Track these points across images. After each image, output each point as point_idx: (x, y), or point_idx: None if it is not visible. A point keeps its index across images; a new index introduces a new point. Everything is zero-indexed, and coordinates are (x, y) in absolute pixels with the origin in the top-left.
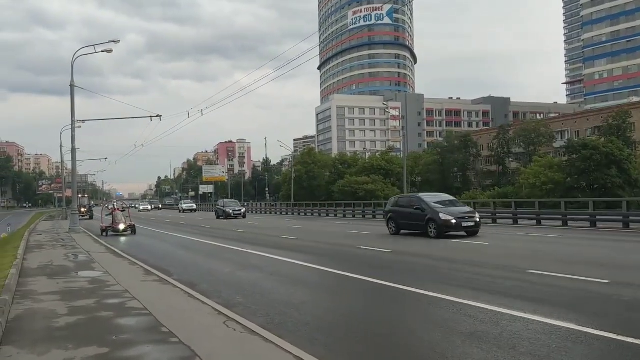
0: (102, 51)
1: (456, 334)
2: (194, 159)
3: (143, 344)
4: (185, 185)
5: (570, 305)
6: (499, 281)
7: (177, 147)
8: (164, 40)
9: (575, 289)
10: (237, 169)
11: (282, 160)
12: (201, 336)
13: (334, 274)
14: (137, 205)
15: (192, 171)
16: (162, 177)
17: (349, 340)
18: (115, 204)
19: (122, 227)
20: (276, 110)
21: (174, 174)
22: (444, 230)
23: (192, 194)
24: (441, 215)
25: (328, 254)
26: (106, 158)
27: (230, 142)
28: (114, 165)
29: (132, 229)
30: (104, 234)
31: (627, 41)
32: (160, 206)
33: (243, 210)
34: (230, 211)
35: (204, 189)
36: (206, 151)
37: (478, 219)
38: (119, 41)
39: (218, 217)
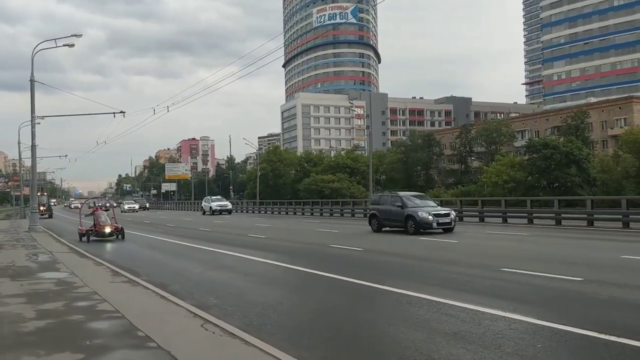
0: (64, 45)
1: (440, 334)
2: (156, 156)
3: (120, 349)
4: (147, 184)
5: (549, 304)
6: (475, 280)
7: (139, 144)
8: (126, 36)
9: (552, 288)
10: (200, 166)
11: (247, 158)
12: (180, 340)
13: (309, 273)
14: (120, 204)
15: (155, 169)
16: (123, 175)
17: (331, 342)
18: (96, 201)
19: (108, 230)
20: (241, 107)
21: (135, 172)
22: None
23: (154, 192)
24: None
25: (300, 253)
26: (66, 155)
27: (194, 139)
28: (74, 163)
29: (119, 233)
30: (84, 239)
31: (585, 43)
32: (148, 205)
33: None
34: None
35: (166, 187)
36: (169, 149)
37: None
38: (81, 35)
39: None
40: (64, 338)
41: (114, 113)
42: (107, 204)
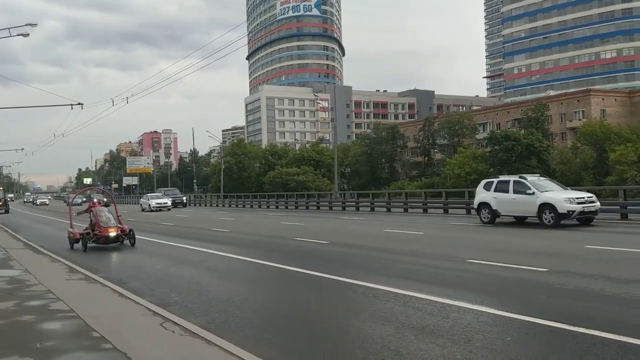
0: (18, 35)
1: (407, 328)
2: (117, 149)
3: (72, 351)
4: (108, 177)
5: (516, 296)
6: (441, 272)
7: (99, 137)
8: (85, 27)
9: (518, 279)
10: (162, 160)
11: (211, 151)
12: (137, 340)
13: (274, 267)
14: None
15: (116, 162)
16: (83, 169)
17: (297, 339)
18: (92, 195)
19: (112, 233)
20: (204, 100)
21: (96, 166)
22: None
23: (115, 186)
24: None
25: (265, 247)
26: (22, 148)
27: (156, 132)
28: (32, 157)
29: (128, 237)
30: (78, 246)
31: (544, 37)
32: (185, 200)
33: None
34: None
35: (128, 180)
36: (130, 142)
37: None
38: (36, 25)
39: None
40: (13, 340)
41: (71, 105)
42: (105, 199)
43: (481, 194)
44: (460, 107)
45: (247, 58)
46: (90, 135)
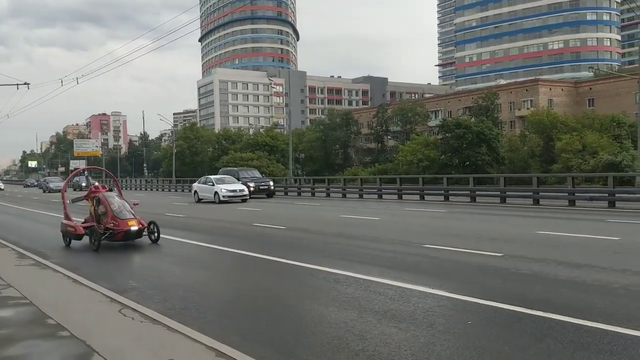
0: None
1: (370, 312)
2: (63, 132)
3: (27, 340)
4: (54, 160)
5: (474, 280)
6: (400, 256)
7: (44, 119)
8: (30, 4)
9: (475, 263)
10: (111, 143)
11: (162, 135)
12: (95, 327)
13: (233, 253)
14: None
15: (62, 145)
16: (28, 152)
17: (259, 325)
18: (80, 178)
19: (134, 227)
20: (155, 83)
21: (41, 148)
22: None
23: (61, 169)
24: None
25: (222, 232)
26: None
27: (104, 114)
28: None
29: (152, 231)
30: (77, 243)
31: (495, 27)
32: (272, 185)
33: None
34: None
35: (75, 164)
36: (77, 124)
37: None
38: None
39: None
40: None
41: (17, 84)
42: (108, 186)
43: None
44: (413, 95)
45: (200, 40)
46: (35, 117)
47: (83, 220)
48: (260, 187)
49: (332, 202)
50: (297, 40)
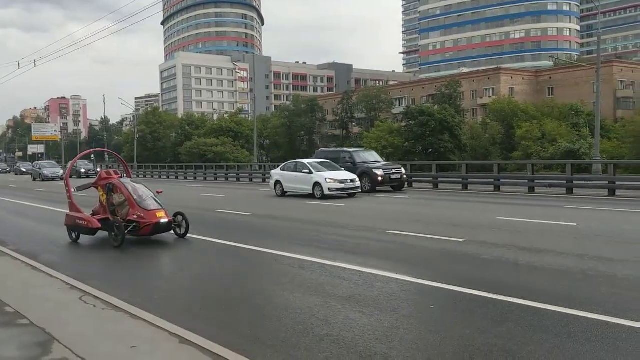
0: None
1: (335, 298)
2: (21, 116)
3: None
4: (11, 145)
5: (437, 265)
6: (364, 242)
7: (0, 102)
8: None
9: (438, 249)
10: (71, 128)
11: (123, 120)
12: (56, 316)
13: (197, 239)
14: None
15: (20, 129)
16: None
17: (224, 311)
18: (95, 164)
19: (164, 219)
20: (116, 66)
21: None
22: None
23: (19, 154)
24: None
25: None
26: None
27: (64, 98)
28: None
29: (179, 224)
30: (87, 239)
31: (458, 15)
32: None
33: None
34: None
35: (33, 149)
36: (35, 108)
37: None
38: None
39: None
40: None
41: None
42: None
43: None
44: (378, 82)
45: (162, 23)
46: None
47: (92, 212)
48: (392, 177)
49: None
50: (262, 25)
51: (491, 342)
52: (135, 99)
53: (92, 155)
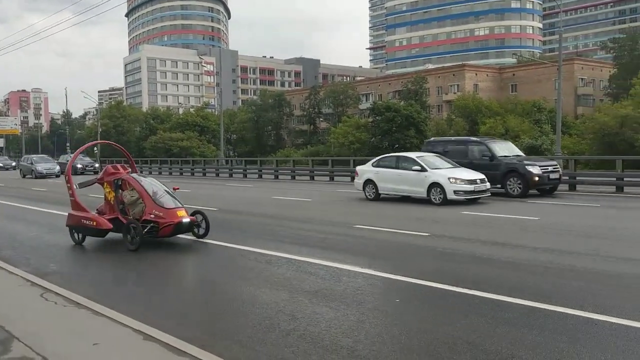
0: None
1: (301, 292)
2: None
3: None
4: None
5: (402, 259)
6: (331, 237)
7: None
8: None
9: (403, 243)
10: (32, 121)
11: (86, 114)
12: (16, 313)
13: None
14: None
15: None
16: None
17: (190, 307)
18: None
19: (186, 219)
20: (78, 59)
21: None
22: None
23: None
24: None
25: None
26: None
27: (24, 91)
28: None
29: (197, 224)
30: (93, 241)
31: (424, 12)
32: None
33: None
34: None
35: None
36: None
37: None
38: None
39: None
40: None
41: None
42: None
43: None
44: (345, 77)
45: (127, 15)
46: None
47: (96, 211)
48: (551, 176)
49: (264, 184)
50: (229, 18)
51: (455, 335)
52: (99, 92)
53: (96, 148)
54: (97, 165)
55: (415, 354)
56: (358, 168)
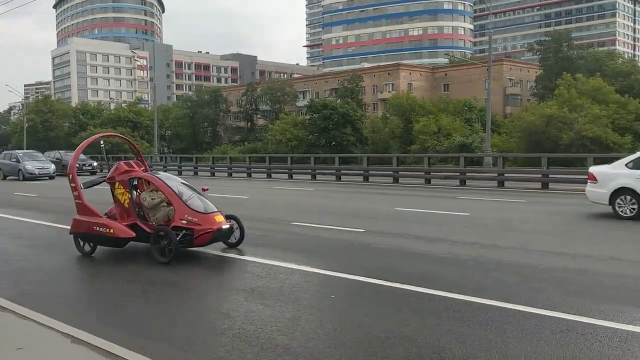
0: None
1: (237, 291)
2: None
3: None
4: None
5: (338, 255)
6: (269, 234)
7: None
8: None
9: (339, 239)
10: None
11: (11, 108)
12: None
13: None
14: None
15: None
16: None
17: (118, 309)
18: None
19: (225, 225)
20: (2, 51)
21: None
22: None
23: None
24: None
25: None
26: None
27: None
28: None
29: (234, 232)
30: (107, 250)
31: (360, 11)
32: None
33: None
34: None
35: None
36: None
37: None
38: None
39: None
40: None
41: None
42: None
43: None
44: (282, 74)
45: (55, 7)
46: None
47: (105, 216)
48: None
49: (200, 181)
50: (163, 12)
51: (389, 329)
52: (25, 86)
53: (102, 142)
54: (95, 164)
55: (350, 349)
56: (596, 170)
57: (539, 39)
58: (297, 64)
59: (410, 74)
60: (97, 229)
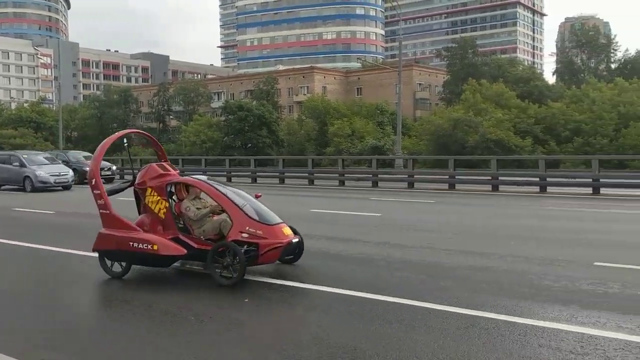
0: None
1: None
2: None
3: None
4: None
5: None
6: None
7: None
8: None
9: None
10: None
11: None
12: None
13: None
14: None
15: None
16: None
17: (35, 313)
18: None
19: (295, 239)
20: None
21: None
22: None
23: None
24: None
25: None
26: None
27: None
28: None
29: (296, 249)
30: (149, 270)
31: (275, 13)
32: None
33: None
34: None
35: None
36: None
37: None
38: None
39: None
40: None
41: None
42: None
43: None
44: (196, 75)
45: None
46: None
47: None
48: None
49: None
50: (68, 8)
51: (301, 330)
52: None
53: (125, 140)
54: (114, 168)
55: (262, 350)
56: None
57: (447, 46)
58: (212, 65)
59: (324, 77)
60: (134, 244)
